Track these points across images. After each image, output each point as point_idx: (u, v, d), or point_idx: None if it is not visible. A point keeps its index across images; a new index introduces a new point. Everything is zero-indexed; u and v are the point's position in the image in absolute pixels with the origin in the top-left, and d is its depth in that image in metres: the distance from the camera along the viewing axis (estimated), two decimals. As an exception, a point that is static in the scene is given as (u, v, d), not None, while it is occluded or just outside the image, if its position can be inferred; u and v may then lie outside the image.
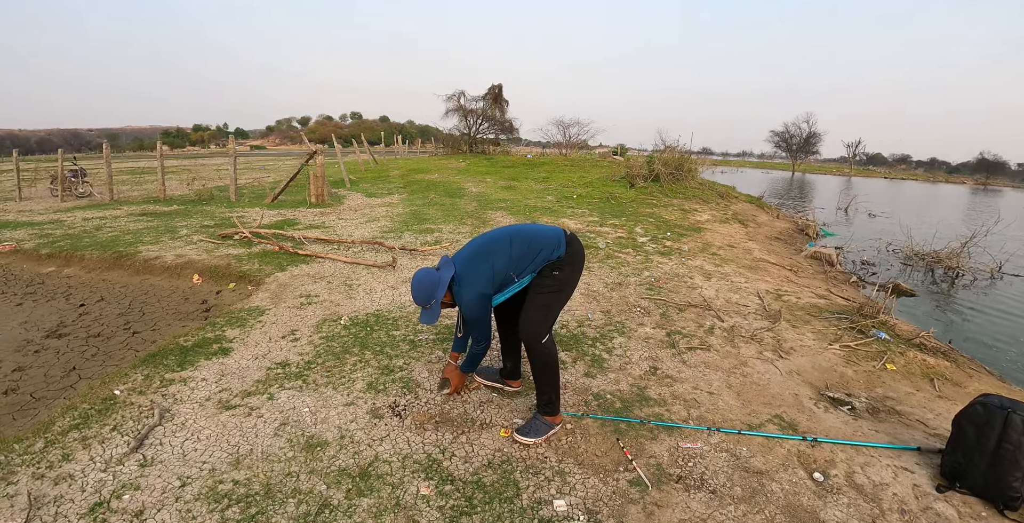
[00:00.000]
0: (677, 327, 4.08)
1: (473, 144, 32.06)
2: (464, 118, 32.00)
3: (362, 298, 4.56)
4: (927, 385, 3.61)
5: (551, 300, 2.46)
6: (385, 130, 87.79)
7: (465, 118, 31.98)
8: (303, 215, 9.26)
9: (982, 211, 24.41)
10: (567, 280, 2.50)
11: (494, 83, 32.69)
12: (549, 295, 2.45)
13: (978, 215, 22.27)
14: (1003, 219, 9.96)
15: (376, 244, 6.32)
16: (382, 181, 15.87)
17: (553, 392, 2.55)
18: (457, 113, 31.99)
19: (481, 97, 32.21)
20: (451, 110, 32.05)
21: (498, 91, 32.29)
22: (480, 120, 32.04)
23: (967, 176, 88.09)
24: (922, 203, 29.60)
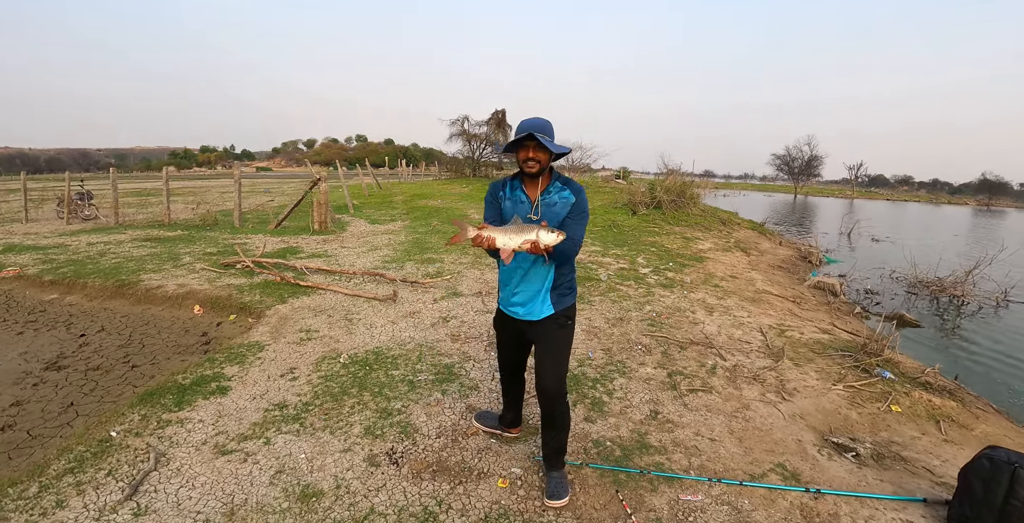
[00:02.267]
0: (679, 367, 4.05)
1: (476, 168, 32.36)
2: (468, 142, 32.37)
3: (362, 334, 4.55)
4: (933, 428, 3.55)
5: (568, 347, 2.48)
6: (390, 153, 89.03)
7: (468, 142, 32.35)
8: (306, 243, 9.30)
9: (985, 235, 24.36)
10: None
11: (498, 108, 33.14)
12: (568, 342, 2.47)
13: (982, 239, 22.23)
14: (1007, 247, 9.88)
15: (377, 275, 6.34)
16: (385, 207, 15.99)
17: (566, 444, 2.56)
18: (461, 137, 32.38)
19: (485, 122, 32.62)
20: (455, 134, 32.47)
21: (502, 116, 32.69)
22: (483, 144, 32.37)
23: (970, 197, 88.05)
24: (925, 226, 29.55)
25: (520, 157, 2.24)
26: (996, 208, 69.51)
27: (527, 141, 2.20)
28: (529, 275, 2.36)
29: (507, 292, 2.45)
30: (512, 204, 2.32)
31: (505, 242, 2.10)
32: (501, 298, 2.53)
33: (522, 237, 2.09)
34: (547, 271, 2.34)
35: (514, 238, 2.09)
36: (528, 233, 2.08)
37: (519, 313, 2.41)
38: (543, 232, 2.08)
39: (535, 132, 2.14)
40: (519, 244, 2.09)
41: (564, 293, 2.41)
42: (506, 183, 2.39)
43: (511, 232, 2.10)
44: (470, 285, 6.23)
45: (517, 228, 2.11)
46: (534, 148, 2.21)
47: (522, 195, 2.30)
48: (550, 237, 2.08)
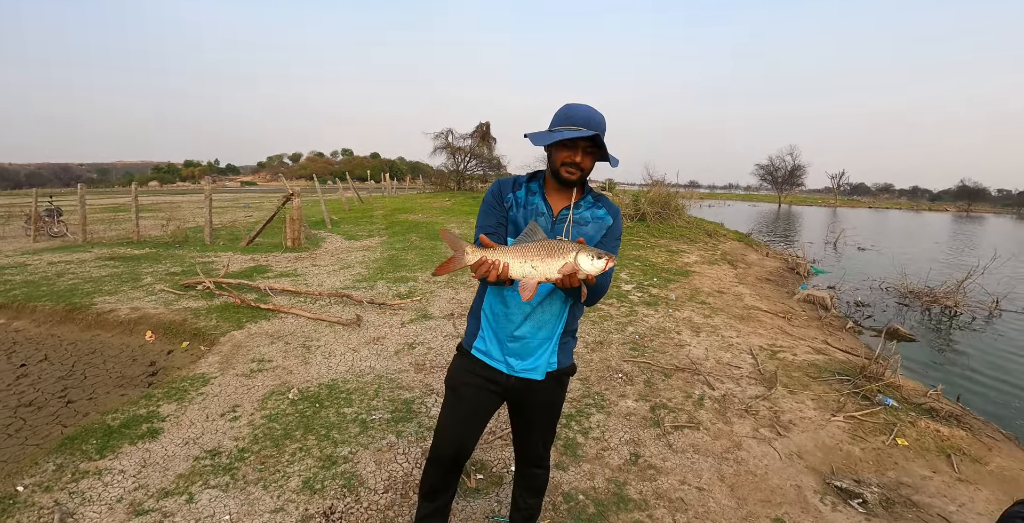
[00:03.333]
0: (663, 398, 3.69)
1: (461, 181, 32.10)
2: (452, 156, 32.13)
3: (318, 364, 4.14)
4: (944, 464, 3.22)
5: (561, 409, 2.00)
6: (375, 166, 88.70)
7: (453, 156, 32.11)
8: (276, 261, 8.88)
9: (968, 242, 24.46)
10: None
11: (482, 121, 32.99)
12: (563, 403, 1.96)
13: (965, 246, 22.28)
14: (999, 256, 9.71)
15: (344, 297, 5.94)
16: (364, 221, 15.58)
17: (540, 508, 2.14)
18: (445, 151, 32.13)
19: (469, 135, 32.43)
20: (439, 148, 32.22)
21: (486, 129, 32.54)
22: (468, 157, 32.16)
23: (949, 203, 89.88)
24: (909, 234, 29.71)
25: (558, 158, 1.65)
26: (975, 214, 70.76)
27: (581, 140, 1.62)
28: (537, 314, 1.73)
29: (497, 333, 1.78)
30: (526, 214, 1.73)
31: (527, 270, 1.44)
32: (481, 341, 1.81)
33: (555, 262, 1.42)
34: (562, 308, 1.76)
35: (542, 264, 1.43)
36: (561, 255, 1.43)
37: (514, 368, 1.75)
38: (584, 256, 1.41)
39: (599, 133, 1.59)
40: (549, 274, 1.43)
41: (571, 340, 1.86)
42: (519, 184, 1.77)
43: (535, 254, 1.44)
44: (442, 306, 5.84)
45: (542, 247, 1.44)
46: (584, 150, 1.64)
47: (542, 204, 1.72)
48: (595, 264, 1.41)
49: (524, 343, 1.74)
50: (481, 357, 1.80)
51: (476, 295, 1.90)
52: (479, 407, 1.82)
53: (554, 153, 1.67)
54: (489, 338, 1.80)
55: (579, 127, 1.59)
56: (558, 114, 1.66)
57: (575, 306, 1.80)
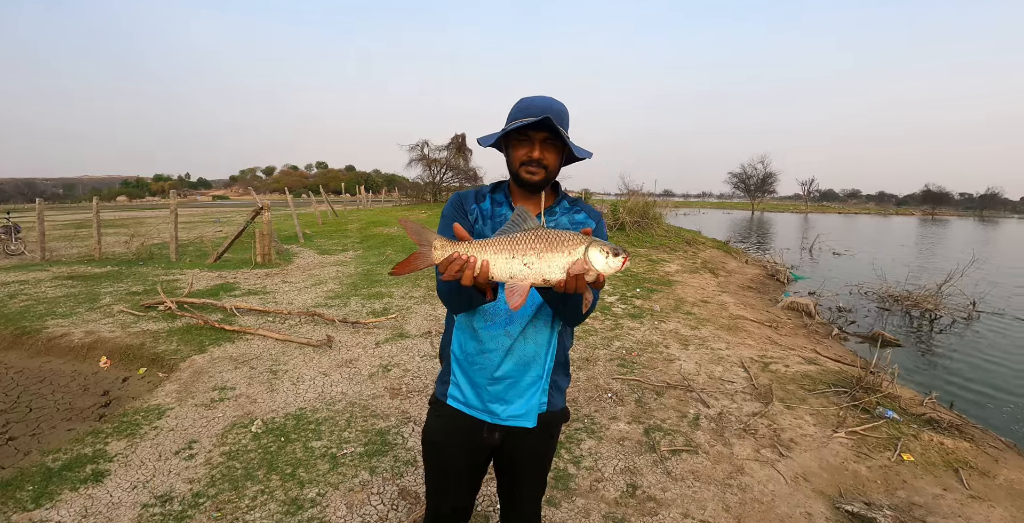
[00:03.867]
0: (657, 420, 3.46)
1: (437, 193, 31.82)
2: (428, 167, 31.86)
3: (285, 391, 3.83)
4: (953, 480, 3.06)
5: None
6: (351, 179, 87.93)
7: (429, 167, 31.84)
8: (245, 278, 8.48)
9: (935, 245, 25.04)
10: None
11: (457, 132, 32.85)
12: (555, 450, 1.69)
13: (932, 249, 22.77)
14: (977, 258, 9.82)
15: (315, 315, 5.61)
16: (339, 235, 15.18)
17: None
18: (421, 163, 31.86)
19: (445, 146, 32.23)
20: (415, 160, 31.94)
21: (461, 140, 32.38)
22: (444, 169, 31.93)
23: (915, 208, 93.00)
24: (880, 238, 30.35)
25: (516, 156, 1.41)
26: (940, 218, 73.13)
27: (534, 131, 1.37)
28: (521, 346, 1.45)
29: (473, 376, 1.48)
30: (493, 226, 1.47)
31: (518, 269, 1.14)
32: (455, 388, 1.52)
33: (558, 258, 1.13)
34: (550, 336, 1.48)
35: (539, 261, 1.13)
36: (566, 249, 1.13)
37: (498, 415, 1.46)
38: (596, 251, 1.13)
39: (551, 117, 1.32)
40: (549, 273, 1.14)
41: (565, 375, 1.59)
42: (482, 195, 1.52)
43: (529, 247, 1.14)
44: (419, 324, 5.56)
45: (539, 238, 1.14)
46: (543, 143, 1.38)
47: (511, 214, 1.44)
48: (611, 262, 1.13)
49: (509, 384, 1.46)
50: (458, 406, 1.51)
51: (443, 333, 1.63)
52: (469, 465, 1.55)
53: (511, 153, 1.43)
54: (464, 384, 1.51)
55: (533, 117, 1.34)
56: (513, 109, 1.42)
57: (564, 332, 1.53)
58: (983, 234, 37.18)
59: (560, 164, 1.46)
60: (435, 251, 1.18)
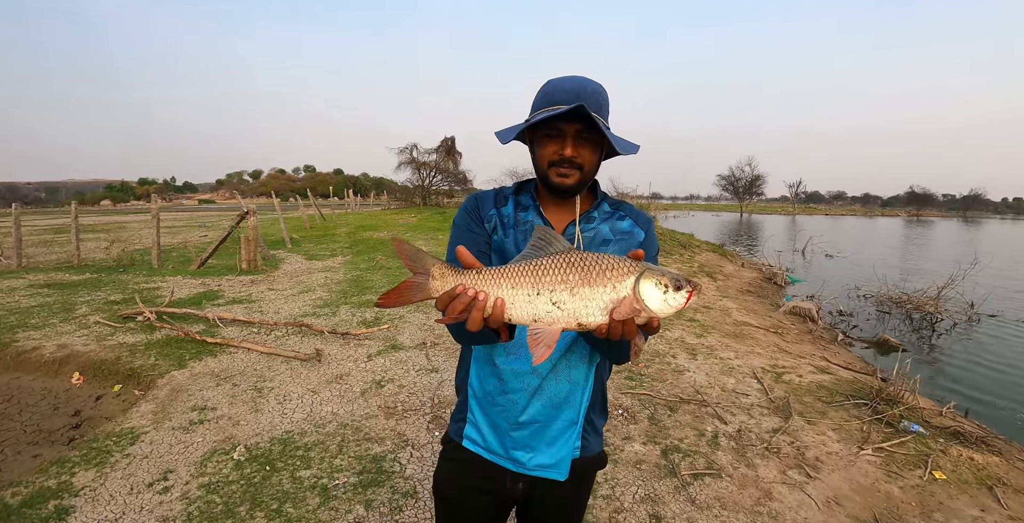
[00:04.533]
0: (673, 439, 3.23)
1: (427, 196, 31.50)
2: (417, 171, 31.54)
3: (271, 411, 3.54)
4: (989, 499, 2.87)
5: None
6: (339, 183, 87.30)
7: (418, 171, 31.53)
8: (230, 285, 8.15)
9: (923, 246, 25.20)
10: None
11: (447, 135, 32.58)
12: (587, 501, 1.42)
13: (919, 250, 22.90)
14: (979, 261, 9.75)
15: (303, 326, 5.33)
16: (327, 240, 14.84)
17: None
18: (410, 166, 31.54)
19: (434, 149, 31.94)
20: (404, 163, 31.60)
21: (451, 143, 32.12)
22: (433, 172, 31.64)
23: (900, 209, 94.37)
24: (869, 239, 30.55)
25: (543, 154, 1.14)
26: (925, 218, 74.09)
27: (566, 122, 1.09)
28: (551, 385, 1.20)
29: (494, 418, 1.24)
30: (516, 236, 1.21)
31: (543, 310, 0.88)
32: (473, 428, 1.28)
33: (597, 294, 0.87)
34: (588, 372, 1.23)
35: (572, 298, 0.87)
36: (610, 281, 0.87)
37: (524, 465, 1.21)
38: (650, 285, 0.85)
39: (587, 106, 1.02)
40: (586, 316, 0.87)
41: (602, 414, 1.33)
42: (504, 197, 1.26)
43: (558, 278, 0.88)
44: (413, 334, 5.29)
45: (571, 265, 0.88)
46: (577, 137, 1.10)
47: (540, 221, 1.20)
48: (672, 300, 0.85)
49: (537, 429, 1.21)
50: (477, 450, 1.27)
51: (459, 360, 1.36)
52: (487, 519, 1.30)
53: (537, 150, 1.16)
54: (484, 425, 1.26)
55: (562, 106, 1.07)
56: (539, 95, 1.15)
57: (602, 364, 1.27)
58: (967, 235, 37.59)
59: (599, 161, 1.18)
60: (433, 282, 0.93)
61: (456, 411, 1.34)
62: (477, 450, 1.26)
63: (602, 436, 1.34)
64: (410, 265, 0.94)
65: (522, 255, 0.93)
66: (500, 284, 0.89)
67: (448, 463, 1.31)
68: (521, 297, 0.88)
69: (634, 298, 0.85)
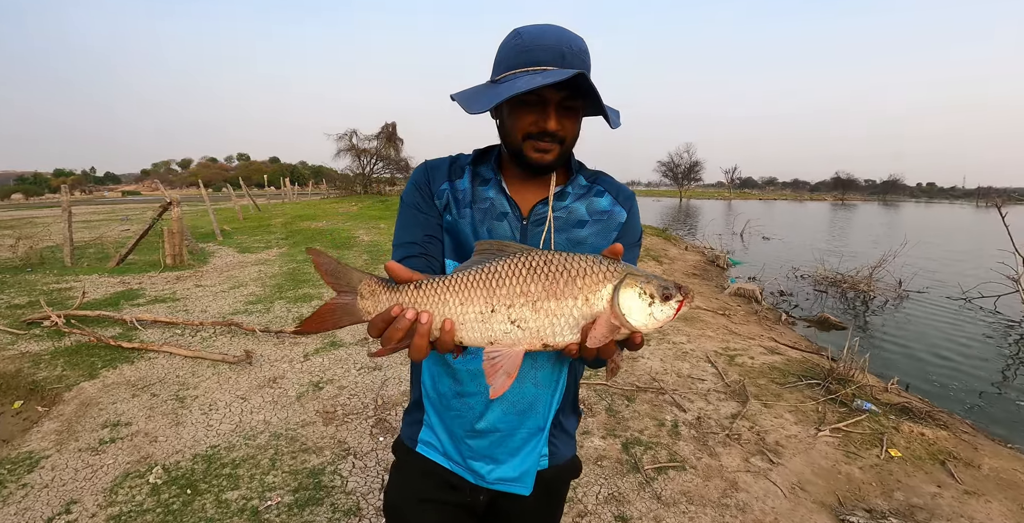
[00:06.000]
0: (633, 431, 3.09)
1: (368, 185, 30.51)
2: (357, 158, 30.45)
3: (194, 424, 3.16)
4: (943, 474, 2.92)
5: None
6: (275, 171, 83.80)
7: (358, 158, 30.44)
8: (152, 283, 7.50)
9: (847, 227, 26.71)
10: None
11: (387, 121, 31.60)
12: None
13: (845, 231, 24.25)
14: (908, 241, 10.26)
15: (232, 325, 4.89)
16: (261, 231, 14.04)
17: None
18: (349, 153, 30.39)
19: (375, 136, 30.90)
20: (343, 150, 30.40)
21: (392, 129, 31.17)
22: (374, 160, 30.65)
23: (827, 193, 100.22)
24: (801, 222, 32.15)
25: (519, 128, 0.92)
26: (849, 202, 78.79)
27: (554, 90, 0.88)
28: (515, 386, 1.01)
29: (448, 423, 1.05)
30: (474, 216, 1.00)
31: (501, 330, 0.70)
32: (429, 431, 1.09)
33: (566, 310, 0.70)
34: (557, 372, 1.04)
35: (536, 315, 0.70)
36: (581, 291, 0.69)
37: (483, 477, 1.03)
38: (632, 294, 0.68)
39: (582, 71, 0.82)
40: (552, 335, 0.70)
41: (573, 414, 1.14)
42: (460, 168, 1.04)
43: (516, 291, 0.70)
44: (353, 328, 4.96)
45: (532, 271, 0.70)
46: (561, 106, 0.90)
47: (502, 200, 1.00)
48: (658, 312, 0.69)
49: (498, 439, 1.02)
50: (434, 457, 1.07)
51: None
52: None
53: (509, 120, 0.93)
54: (440, 429, 1.08)
55: (546, 67, 0.86)
56: (509, 50, 0.90)
57: (574, 362, 1.07)
58: (887, 217, 40.17)
59: (579, 132, 0.97)
60: (362, 302, 0.74)
61: (409, 412, 1.15)
62: (435, 456, 1.08)
63: (575, 439, 1.16)
64: (332, 282, 0.76)
65: (470, 262, 0.76)
66: (446, 300, 0.71)
67: (401, 473, 1.12)
68: (472, 315, 0.71)
69: (612, 312, 0.69)
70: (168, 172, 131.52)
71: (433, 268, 0.98)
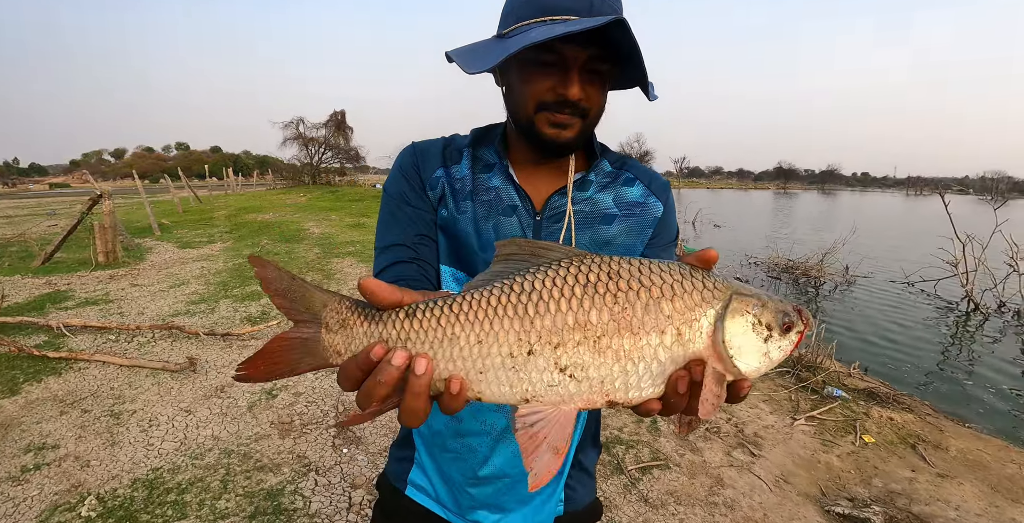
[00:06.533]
0: (612, 429, 2.98)
1: (316, 174, 29.50)
2: (304, 147, 29.36)
3: (132, 443, 2.84)
4: (916, 458, 2.99)
5: None
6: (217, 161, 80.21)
7: (306, 147, 29.36)
8: (82, 283, 6.90)
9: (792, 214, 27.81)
10: None
11: (336, 109, 30.58)
12: None
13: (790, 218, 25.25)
14: (857, 228, 10.66)
15: (173, 329, 4.50)
16: (203, 225, 13.27)
17: None
18: (296, 142, 29.26)
19: (323, 124, 29.85)
20: (289, 138, 29.23)
21: (341, 118, 30.20)
22: (323, 149, 29.63)
23: (770, 182, 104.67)
24: (747, 210, 33.26)
25: (531, 91, 0.73)
26: (791, 191, 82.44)
27: (575, 46, 0.69)
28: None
29: (444, 466, 0.88)
30: (475, 210, 0.82)
31: (543, 383, 0.47)
32: (419, 472, 0.92)
33: (648, 351, 0.47)
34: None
35: (598, 360, 0.47)
36: (671, 324, 0.47)
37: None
38: (743, 325, 0.47)
39: (622, 19, 0.62)
40: (625, 390, 0.47)
41: (593, 448, 0.97)
42: (457, 151, 0.85)
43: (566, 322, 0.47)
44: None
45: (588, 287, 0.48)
46: (584, 69, 0.71)
47: (511, 189, 0.82)
48: (775, 348, 0.48)
49: (505, 486, 0.86)
50: (426, 503, 0.90)
51: None
52: None
53: (519, 86, 0.75)
54: (433, 472, 0.90)
55: (568, 17, 0.67)
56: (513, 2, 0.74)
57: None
58: (827, 206, 42.11)
59: (605, 105, 0.78)
60: (328, 336, 0.51)
61: (397, 446, 0.96)
62: (428, 503, 0.90)
63: (594, 478, 0.99)
64: (284, 306, 0.52)
65: (489, 274, 0.52)
66: (454, 336, 0.48)
67: (387, 517, 0.94)
68: (498, 359, 0.48)
69: (716, 350, 0.47)
70: (100, 163, 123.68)
71: (429, 278, 0.78)
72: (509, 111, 0.80)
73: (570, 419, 0.48)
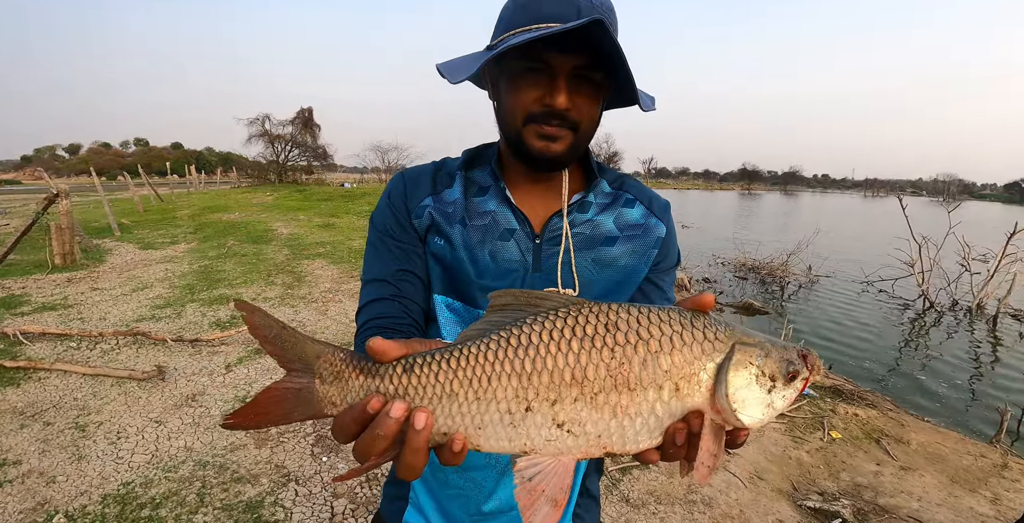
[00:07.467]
0: (594, 430, 3.03)
1: (283, 173, 28.85)
2: (271, 144, 28.68)
3: (100, 456, 2.74)
4: (880, 452, 3.14)
5: None
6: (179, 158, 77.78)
7: (272, 144, 28.68)
8: (38, 287, 6.61)
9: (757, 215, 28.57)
10: None
11: (303, 106, 29.99)
12: None
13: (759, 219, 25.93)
14: (821, 230, 11.02)
15: (138, 335, 4.36)
16: (166, 225, 12.86)
17: None
18: (262, 139, 28.55)
19: (289, 121, 29.23)
20: (254, 135, 28.50)
21: (308, 115, 29.63)
22: (289, 146, 29.01)
23: (735, 183, 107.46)
24: (713, 210, 33.99)
25: (518, 103, 0.72)
26: (755, 192, 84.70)
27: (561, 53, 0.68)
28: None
29: (445, 504, 0.87)
30: (469, 236, 0.80)
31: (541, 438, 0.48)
32: (415, 512, 0.89)
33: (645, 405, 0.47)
34: None
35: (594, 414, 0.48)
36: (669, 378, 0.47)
37: None
38: (746, 377, 0.47)
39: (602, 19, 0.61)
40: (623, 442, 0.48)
41: (596, 476, 0.98)
42: (448, 174, 0.85)
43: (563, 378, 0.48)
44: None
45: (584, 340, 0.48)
46: (573, 77, 0.70)
47: (508, 212, 0.80)
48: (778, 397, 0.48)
49: (509, 520, 0.86)
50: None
51: None
52: None
53: (507, 98, 0.74)
54: (432, 511, 0.88)
55: (554, 25, 0.66)
56: (506, 6, 0.73)
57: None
58: (789, 206, 43.38)
59: (599, 119, 0.78)
60: (322, 387, 0.51)
61: (390, 482, 0.95)
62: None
63: (599, 503, 1.00)
64: (277, 354, 0.51)
65: (484, 324, 0.52)
66: (452, 392, 0.49)
67: None
68: (495, 416, 0.49)
69: (714, 405, 0.48)
70: (53, 158, 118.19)
71: (411, 315, 0.77)
72: (500, 125, 0.79)
73: (568, 470, 0.48)
